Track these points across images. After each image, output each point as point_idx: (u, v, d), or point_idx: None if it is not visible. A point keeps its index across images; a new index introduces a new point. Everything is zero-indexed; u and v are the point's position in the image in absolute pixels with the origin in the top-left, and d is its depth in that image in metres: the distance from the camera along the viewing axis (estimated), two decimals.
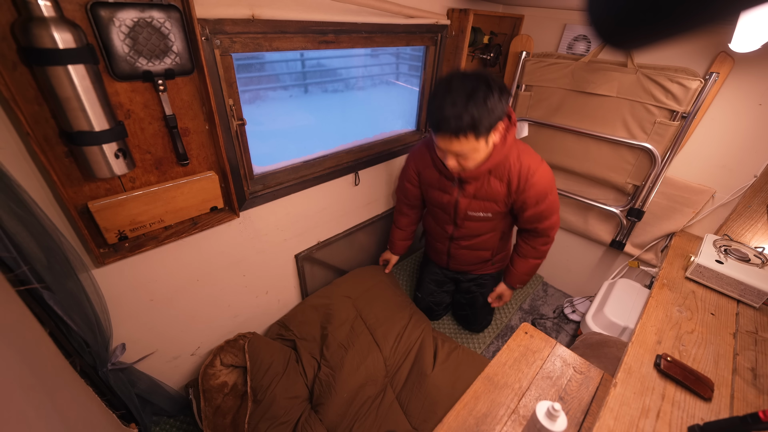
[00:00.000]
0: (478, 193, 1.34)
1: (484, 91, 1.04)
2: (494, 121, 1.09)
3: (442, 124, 1.07)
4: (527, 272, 1.58)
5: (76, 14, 0.78)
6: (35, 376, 0.69)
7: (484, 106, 1.04)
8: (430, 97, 1.11)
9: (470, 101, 1.03)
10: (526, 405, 1.00)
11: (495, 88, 1.05)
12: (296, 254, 1.67)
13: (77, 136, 0.81)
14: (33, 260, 0.81)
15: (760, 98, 1.41)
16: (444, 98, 1.05)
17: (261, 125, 1.33)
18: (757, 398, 0.96)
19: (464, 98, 1.03)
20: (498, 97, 1.06)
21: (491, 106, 1.05)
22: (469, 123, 1.04)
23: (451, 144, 1.11)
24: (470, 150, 1.13)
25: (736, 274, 1.29)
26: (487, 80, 1.05)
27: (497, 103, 1.06)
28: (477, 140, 1.10)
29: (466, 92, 1.03)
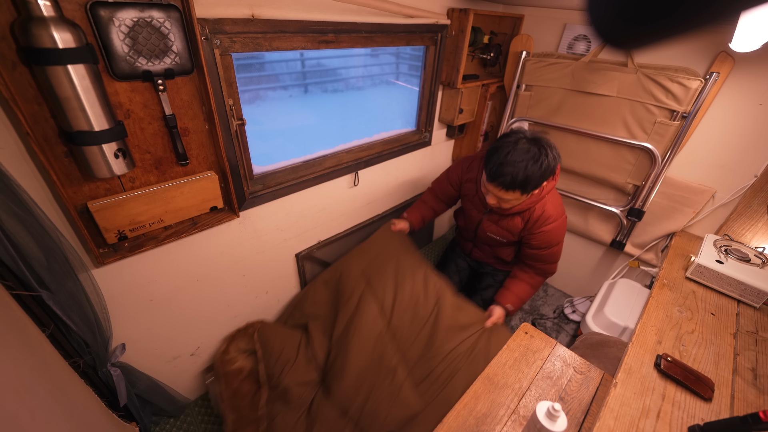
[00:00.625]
0: (500, 222, 1.48)
1: (544, 158, 1.18)
2: (541, 183, 1.24)
3: (498, 178, 1.20)
4: (518, 295, 1.58)
5: (75, 14, 0.78)
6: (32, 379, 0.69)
7: (539, 172, 1.18)
8: (494, 148, 1.24)
9: (530, 165, 1.17)
10: (526, 405, 1.00)
11: (552, 155, 1.20)
12: (297, 253, 1.67)
13: (77, 136, 0.80)
14: (32, 260, 0.81)
15: (761, 98, 1.41)
16: (508, 155, 1.18)
17: (261, 125, 1.33)
18: (757, 398, 0.96)
19: (526, 161, 1.17)
20: (552, 163, 1.21)
21: (544, 172, 1.20)
22: (521, 183, 1.19)
23: (498, 192, 1.25)
24: (513, 199, 1.27)
25: (736, 274, 1.29)
26: (547, 147, 1.20)
27: (550, 168, 1.21)
28: (522, 195, 1.25)
29: (529, 156, 1.17)
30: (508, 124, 2.05)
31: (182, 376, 1.50)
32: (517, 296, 1.57)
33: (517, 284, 1.58)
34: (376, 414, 1.30)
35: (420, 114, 1.91)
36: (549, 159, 1.19)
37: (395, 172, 1.96)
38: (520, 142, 1.20)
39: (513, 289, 1.58)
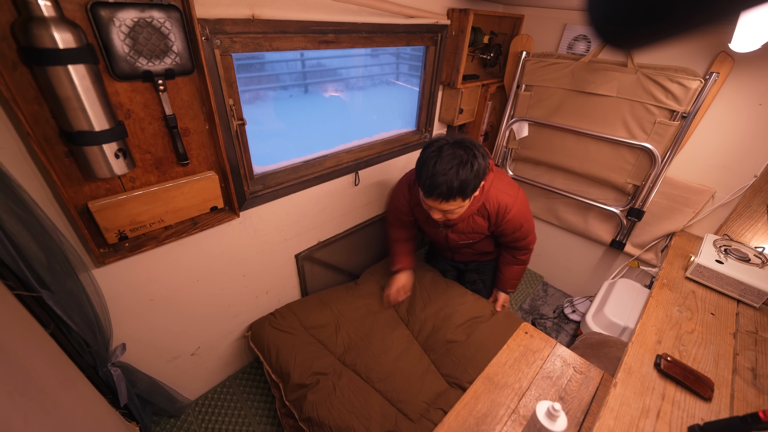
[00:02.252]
0: (464, 229, 1.46)
1: (472, 159, 1.13)
2: (479, 184, 1.20)
3: (434, 191, 1.15)
4: (514, 277, 1.70)
5: (76, 14, 0.78)
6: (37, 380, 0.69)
7: (471, 173, 1.13)
8: (420, 162, 1.19)
9: (460, 171, 1.12)
10: (526, 405, 1.00)
11: (479, 154, 1.15)
12: (296, 254, 1.67)
13: (77, 136, 0.80)
14: (33, 260, 0.81)
15: (760, 98, 1.41)
16: (436, 165, 1.13)
17: (261, 125, 1.33)
18: (757, 398, 0.96)
19: (455, 168, 1.12)
20: (483, 162, 1.16)
21: (477, 173, 1.15)
22: (458, 190, 1.14)
23: (440, 205, 1.20)
24: (456, 208, 1.22)
25: (736, 274, 1.29)
26: (473, 149, 1.15)
27: (482, 168, 1.16)
28: (463, 201, 1.20)
29: (456, 162, 1.12)
30: (508, 124, 2.05)
31: (182, 376, 1.50)
32: (513, 278, 1.70)
33: (509, 269, 1.68)
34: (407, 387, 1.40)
35: (420, 114, 1.91)
36: (479, 159, 1.15)
37: (395, 172, 1.96)
38: (443, 149, 1.14)
39: (507, 274, 1.69)
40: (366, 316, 1.66)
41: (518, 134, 2.04)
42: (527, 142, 2.05)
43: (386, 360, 1.49)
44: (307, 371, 1.38)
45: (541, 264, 2.52)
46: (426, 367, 1.50)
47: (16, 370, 0.65)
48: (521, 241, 1.53)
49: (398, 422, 1.30)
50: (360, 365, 1.46)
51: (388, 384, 1.41)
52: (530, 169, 2.18)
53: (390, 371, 1.45)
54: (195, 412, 1.56)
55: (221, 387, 1.67)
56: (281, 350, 1.44)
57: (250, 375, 1.73)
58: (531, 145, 2.04)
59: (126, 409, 1.20)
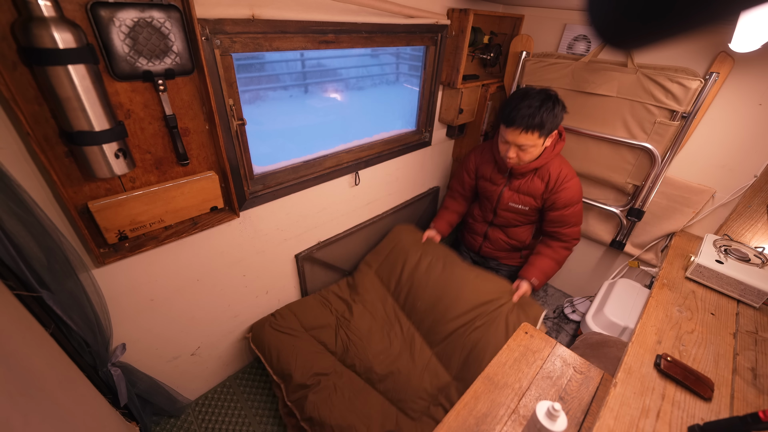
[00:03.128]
0: (521, 188, 1.55)
1: (553, 102, 1.32)
2: (555, 126, 1.36)
3: (517, 120, 1.32)
4: (543, 269, 1.61)
5: (76, 14, 0.78)
6: (37, 380, 0.69)
7: (551, 112, 1.32)
8: (507, 100, 1.37)
9: (543, 106, 1.30)
10: (526, 405, 1.00)
11: (559, 104, 1.35)
12: (296, 254, 1.67)
13: (77, 136, 0.81)
14: (33, 260, 0.81)
15: (760, 98, 1.41)
16: (521, 101, 1.32)
17: (261, 125, 1.33)
18: (757, 398, 0.96)
19: (538, 103, 1.31)
20: (561, 110, 1.35)
21: (556, 114, 1.33)
22: (538, 123, 1.31)
23: (518, 137, 1.35)
24: (532, 144, 1.37)
25: (736, 274, 1.29)
26: (555, 96, 1.35)
27: (560, 114, 1.35)
28: (539, 138, 1.35)
29: (540, 99, 1.31)
30: None
31: (183, 376, 1.50)
32: (542, 271, 1.60)
33: (542, 259, 1.61)
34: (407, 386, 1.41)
35: (420, 114, 1.91)
36: (559, 107, 1.33)
37: (395, 172, 1.96)
38: (530, 91, 1.34)
39: (537, 264, 1.61)
40: (364, 314, 1.66)
41: None
42: None
43: (386, 359, 1.49)
44: (308, 372, 1.38)
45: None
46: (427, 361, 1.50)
47: (17, 370, 0.65)
48: (566, 227, 1.55)
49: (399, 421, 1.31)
50: (360, 366, 1.47)
51: (388, 383, 1.41)
52: None
53: (390, 370, 1.45)
54: (195, 412, 1.56)
55: (221, 387, 1.67)
56: (282, 351, 1.44)
57: (251, 375, 1.73)
58: None
59: (126, 409, 1.20)
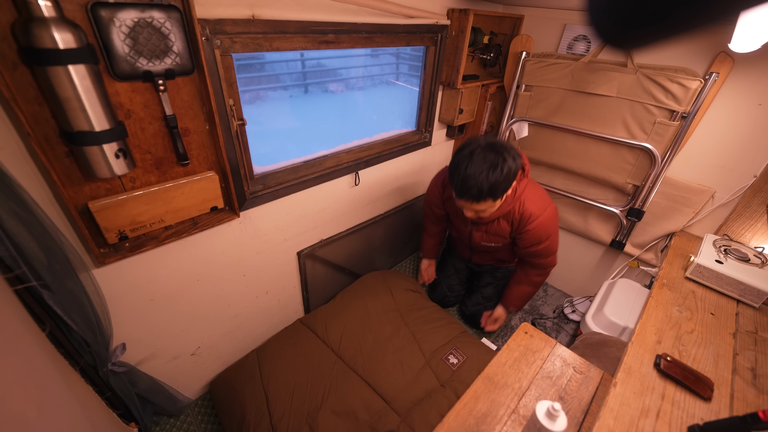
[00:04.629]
0: (489, 229, 1.52)
1: (502, 163, 1.18)
2: (509, 184, 1.24)
3: (465, 193, 1.22)
4: (520, 297, 1.70)
5: (76, 14, 0.78)
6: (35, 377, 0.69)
7: (501, 176, 1.18)
8: (453, 165, 1.24)
9: (491, 173, 1.17)
10: (526, 405, 1.00)
11: (510, 157, 1.20)
12: (299, 251, 1.67)
13: (78, 136, 0.81)
14: (33, 260, 0.81)
15: (760, 98, 1.41)
16: (467, 169, 1.19)
17: (261, 125, 1.33)
18: (756, 398, 0.96)
19: (486, 171, 1.17)
20: (513, 165, 1.20)
21: (507, 175, 1.20)
22: (488, 191, 1.20)
23: (471, 206, 1.27)
24: (487, 207, 1.29)
25: (735, 274, 1.29)
26: (503, 151, 1.19)
27: (513, 168, 1.21)
28: (495, 202, 1.27)
29: (486, 165, 1.17)
30: (508, 124, 2.05)
31: (183, 376, 1.50)
32: (519, 298, 1.70)
33: (518, 287, 1.68)
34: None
35: (420, 114, 1.91)
36: (509, 162, 1.19)
37: (395, 172, 1.96)
38: (475, 152, 1.19)
39: (515, 291, 1.69)
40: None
41: (518, 134, 2.05)
42: (527, 142, 2.05)
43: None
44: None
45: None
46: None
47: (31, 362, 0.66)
48: (538, 259, 1.52)
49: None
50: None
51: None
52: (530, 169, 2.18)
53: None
54: (195, 412, 1.56)
55: None
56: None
57: None
58: (531, 145, 2.04)
59: (126, 409, 1.20)
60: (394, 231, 2.20)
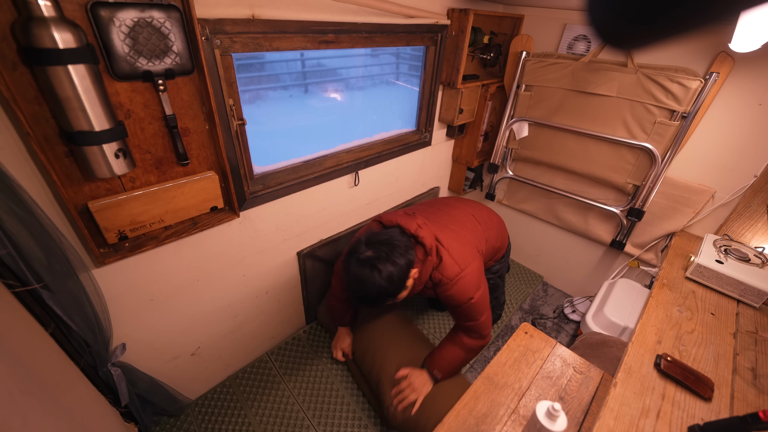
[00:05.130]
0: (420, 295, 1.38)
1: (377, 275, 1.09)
2: (403, 283, 1.14)
3: (362, 304, 1.18)
4: (449, 362, 1.35)
5: (76, 14, 0.78)
6: (37, 379, 0.69)
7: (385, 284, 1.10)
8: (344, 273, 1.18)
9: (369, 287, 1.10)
10: (526, 405, 1.00)
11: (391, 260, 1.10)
12: (299, 251, 1.67)
13: (77, 136, 0.80)
14: (33, 260, 0.81)
15: (760, 98, 1.41)
16: (350, 285, 1.14)
17: (261, 125, 1.33)
18: (757, 398, 0.96)
19: (365, 286, 1.10)
20: (393, 271, 1.10)
21: (394, 281, 1.11)
22: (381, 299, 1.13)
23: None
24: (396, 299, 1.19)
25: (736, 274, 1.29)
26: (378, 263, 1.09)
27: (394, 275, 1.10)
28: (397, 297, 1.17)
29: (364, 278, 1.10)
30: (508, 124, 2.05)
31: (183, 375, 1.50)
32: (447, 363, 1.35)
33: (448, 349, 1.36)
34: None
35: (420, 114, 1.91)
36: (390, 267, 1.10)
37: (395, 172, 1.96)
38: (351, 265, 1.13)
39: (443, 353, 1.37)
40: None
41: (518, 134, 2.05)
42: (527, 142, 2.05)
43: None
44: None
45: (541, 264, 2.52)
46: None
47: (18, 369, 0.65)
48: (468, 322, 1.28)
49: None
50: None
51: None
52: (530, 169, 2.18)
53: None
54: (195, 412, 1.56)
55: (221, 387, 1.67)
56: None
57: (251, 375, 1.73)
58: (531, 145, 2.04)
59: (126, 408, 1.20)
60: None
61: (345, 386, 1.70)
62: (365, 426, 1.56)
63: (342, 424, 1.56)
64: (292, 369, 1.76)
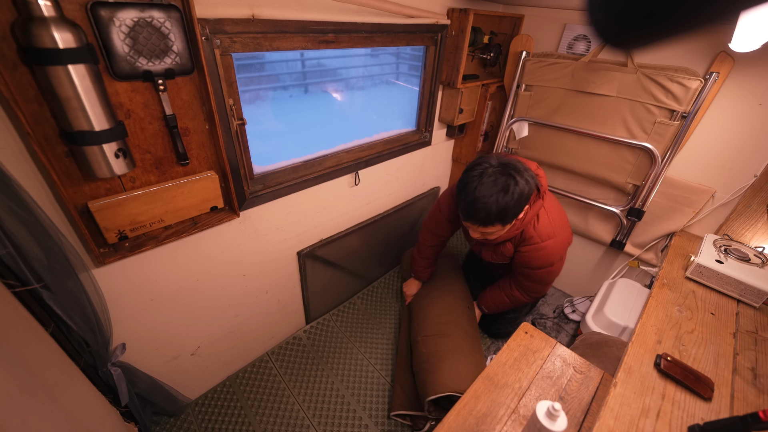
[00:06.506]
0: (496, 249, 1.44)
1: (514, 186, 1.10)
2: (520, 210, 1.17)
3: (472, 216, 1.15)
4: (495, 302, 1.64)
5: (76, 14, 0.78)
6: (37, 379, 0.69)
7: (512, 201, 1.11)
8: (461, 185, 1.17)
9: (501, 197, 1.10)
10: (527, 405, 1.00)
11: (522, 180, 1.12)
12: (299, 251, 1.67)
13: (77, 136, 0.80)
14: (33, 260, 0.81)
15: (760, 98, 1.41)
16: (476, 191, 1.11)
17: (261, 125, 1.33)
18: (757, 398, 0.96)
19: (495, 194, 1.10)
20: (526, 188, 1.13)
21: (519, 200, 1.12)
22: (497, 217, 1.13)
23: (478, 229, 1.21)
24: (496, 231, 1.22)
25: (736, 274, 1.29)
26: (516, 174, 1.11)
27: (524, 194, 1.13)
28: (504, 227, 1.20)
29: (497, 188, 1.10)
30: (508, 124, 2.05)
31: (183, 375, 1.50)
32: (494, 302, 1.65)
33: (497, 293, 1.62)
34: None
35: (420, 114, 1.91)
36: (521, 185, 1.11)
37: (395, 172, 1.96)
38: (486, 173, 1.12)
39: (492, 294, 1.65)
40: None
41: (518, 134, 2.04)
42: (527, 142, 2.05)
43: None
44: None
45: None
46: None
47: (17, 369, 0.65)
48: (526, 280, 1.43)
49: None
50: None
51: None
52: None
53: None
54: (195, 412, 1.56)
55: (221, 387, 1.67)
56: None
57: (251, 375, 1.73)
58: (531, 145, 2.04)
59: (126, 408, 1.20)
60: (394, 231, 2.20)
61: (345, 386, 1.71)
62: (365, 426, 1.56)
63: (342, 424, 1.56)
64: (292, 369, 1.76)
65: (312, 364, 1.79)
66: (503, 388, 1.04)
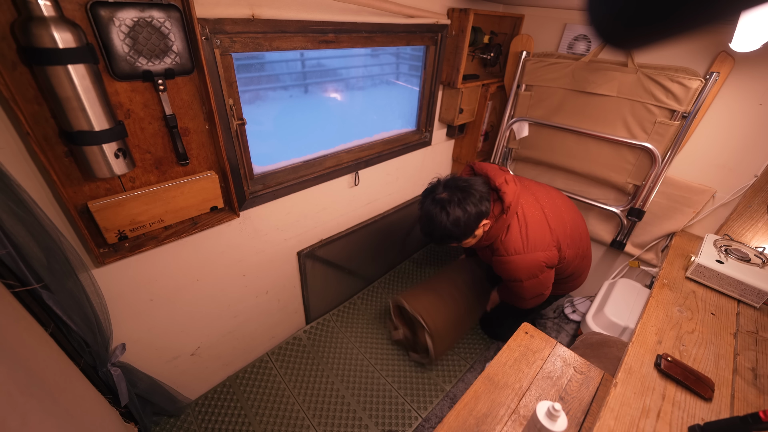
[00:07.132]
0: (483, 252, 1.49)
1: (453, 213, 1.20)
2: (471, 231, 1.26)
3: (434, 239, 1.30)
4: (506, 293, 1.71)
5: (76, 14, 0.78)
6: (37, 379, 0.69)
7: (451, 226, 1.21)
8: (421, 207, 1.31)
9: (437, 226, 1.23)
10: (527, 405, 1.00)
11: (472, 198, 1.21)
12: (299, 251, 1.67)
13: (77, 136, 0.80)
14: (33, 260, 0.81)
15: (761, 98, 1.41)
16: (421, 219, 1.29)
17: (261, 125, 1.33)
18: (757, 398, 0.96)
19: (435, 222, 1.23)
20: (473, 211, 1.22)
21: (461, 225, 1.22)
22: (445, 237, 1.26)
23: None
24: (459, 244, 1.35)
25: (736, 274, 1.29)
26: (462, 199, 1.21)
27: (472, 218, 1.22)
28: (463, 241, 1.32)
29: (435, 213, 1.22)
30: (508, 124, 2.05)
31: (183, 376, 1.50)
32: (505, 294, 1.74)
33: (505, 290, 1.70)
34: None
35: (420, 114, 1.91)
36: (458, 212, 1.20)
37: (395, 172, 1.96)
38: (425, 201, 1.27)
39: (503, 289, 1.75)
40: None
41: (518, 134, 2.04)
42: (527, 142, 2.04)
43: None
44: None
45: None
46: None
47: (17, 369, 0.65)
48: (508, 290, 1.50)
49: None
50: None
51: None
52: (530, 169, 2.17)
53: None
54: (195, 412, 1.56)
55: (221, 387, 1.67)
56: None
57: (251, 375, 1.73)
58: (531, 145, 2.04)
59: (126, 408, 1.20)
60: (394, 231, 2.20)
61: (345, 386, 1.70)
62: (365, 426, 1.56)
63: (342, 424, 1.56)
64: (292, 369, 1.76)
65: (312, 364, 1.79)
66: (503, 389, 1.04)
